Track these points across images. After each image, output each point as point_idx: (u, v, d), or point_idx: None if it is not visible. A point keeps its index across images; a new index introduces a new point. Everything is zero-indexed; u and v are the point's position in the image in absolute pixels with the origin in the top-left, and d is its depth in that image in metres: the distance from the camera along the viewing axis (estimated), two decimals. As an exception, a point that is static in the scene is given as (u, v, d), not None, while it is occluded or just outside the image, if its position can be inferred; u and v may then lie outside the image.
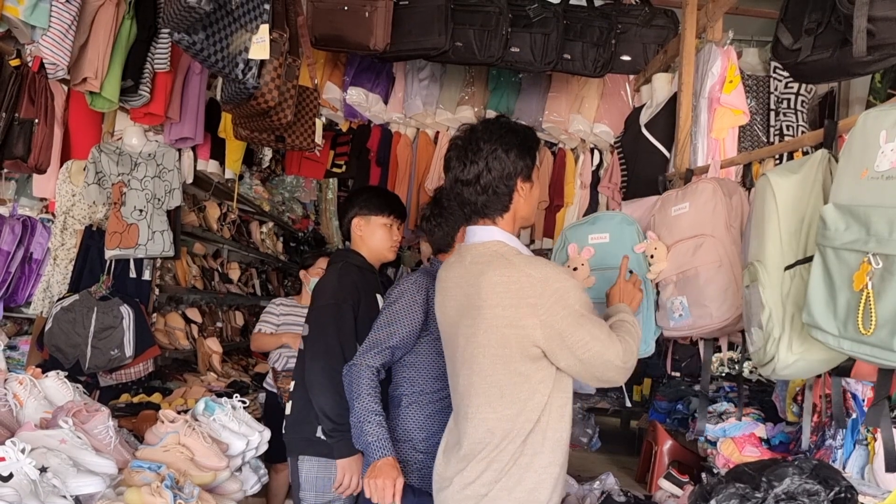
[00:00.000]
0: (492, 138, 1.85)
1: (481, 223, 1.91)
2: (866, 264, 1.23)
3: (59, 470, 1.65)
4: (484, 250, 1.86)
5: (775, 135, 3.58)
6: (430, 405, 2.32)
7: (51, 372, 2.25)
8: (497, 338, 1.75)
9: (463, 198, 1.89)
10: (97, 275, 3.90)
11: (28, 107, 2.63)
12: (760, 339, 1.59)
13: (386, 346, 2.25)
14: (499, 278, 1.76)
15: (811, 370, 1.60)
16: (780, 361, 1.55)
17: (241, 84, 2.27)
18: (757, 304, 1.60)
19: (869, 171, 1.27)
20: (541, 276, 1.74)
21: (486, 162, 1.83)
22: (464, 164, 1.86)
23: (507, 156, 1.85)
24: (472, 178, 1.85)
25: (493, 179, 1.84)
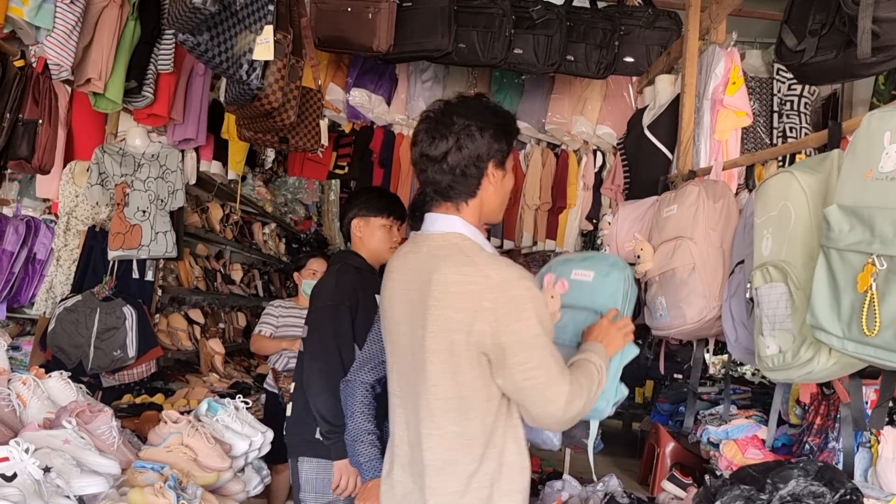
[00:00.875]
0: (467, 113, 1.66)
1: (443, 209, 1.70)
2: (870, 265, 1.22)
3: (62, 470, 1.65)
4: (443, 242, 1.66)
5: (778, 137, 3.58)
6: None
7: (54, 372, 2.26)
8: (446, 343, 1.56)
9: (427, 176, 1.68)
10: (100, 275, 3.91)
11: (32, 108, 2.63)
12: (789, 343, 1.55)
13: (380, 360, 2.08)
14: (455, 276, 1.57)
15: (842, 373, 1.55)
16: (819, 365, 1.50)
17: (245, 85, 2.27)
18: (784, 308, 1.55)
19: (873, 172, 1.27)
20: (500, 277, 1.55)
21: (458, 138, 1.63)
22: (432, 137, 1.65)
23: (482, 135, 1.64)
24: (440, 154, 1.64)
25: (463, 159, 1.63)
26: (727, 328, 1.97)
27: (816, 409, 3.33)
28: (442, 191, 1.68)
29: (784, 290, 1.56)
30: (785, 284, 1.56)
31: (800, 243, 1.56)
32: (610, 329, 1.80)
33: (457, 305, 1.55)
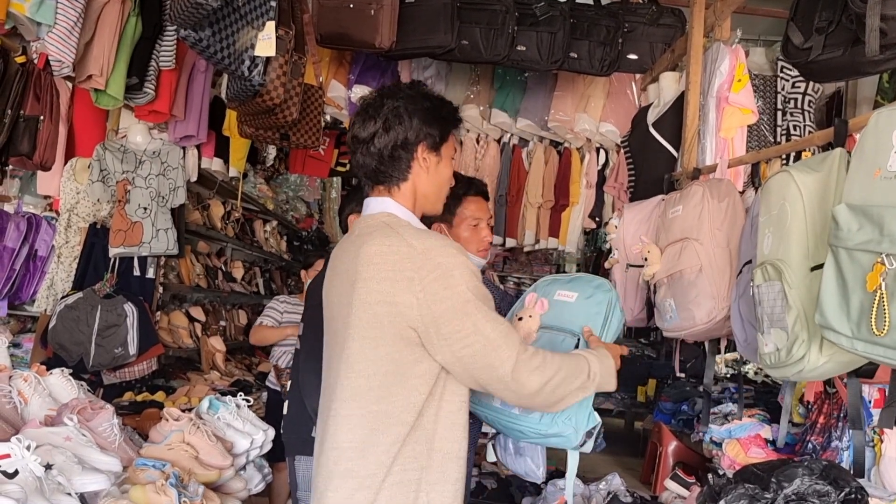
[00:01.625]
0: (396, 96, 1.63)
1: (376, 192, 1.67)
2: (880, 265, 1.21)
3: (64, 467, 1.64)
4: (372, 221, 1.63)
5: (782, 134, 3.57)
6: None
7: (55, 369, 2.25)
8: (368, 317, 1.50)
9: (356, 159, 1.66)
10: (101, 273, 3.90)
11: (33, 104, 2.63)
12: (783, 340, 1.55)
13: None
14: (377, 248, 1.52)
15: (837, 372, 1.56)
16: (809, 363, 1.50)
17: (246, 81, 2.26)
18: (780, 306, 1.56)
19: (882, 170, 1.26)
20: (423, 247, 1.50)
21: (385, 119, 1.60)
22: (363, 120, 1.63)
23: (410, 118, 1.61)
24: (367, 136, 1.61)
25: (390, 141, 1.61)
26: (736, 329, 1.96)
27: (820, 408, 3.32)
28: (370, 174, 1.65)
29: (780, 288, 1.56)
30: (780, 283, 1.56)
31: (794, 242, 1.56)
32: (613, 348, 1.74)
33: (378, 276, 1.50)
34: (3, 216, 2.85)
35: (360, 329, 1.51)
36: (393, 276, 1.49)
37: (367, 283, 1.51)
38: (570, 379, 1.58)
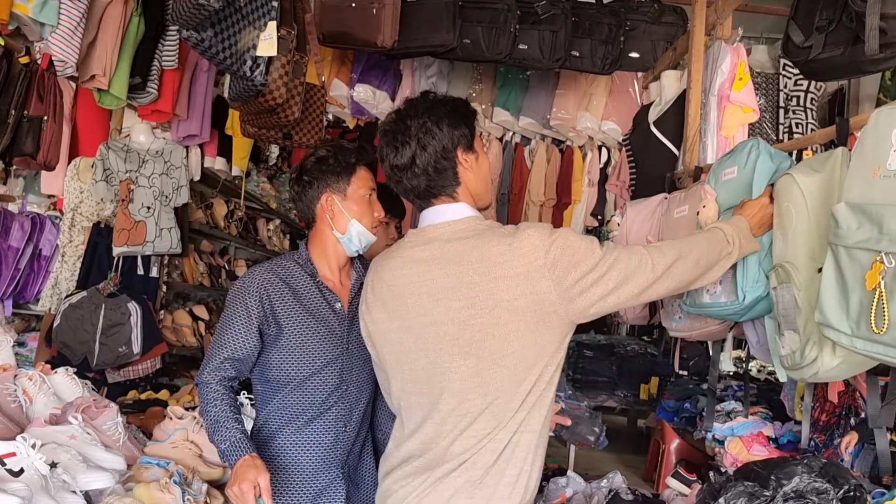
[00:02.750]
0: (417, 113, 1.68)
1: (442, 201, 1.70)
2: (879, 263, 1.22)
3: (68, 465, 1.65)
4: (461, 226, 1.67)
5: (784, 132, 3.57)
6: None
7: (60, 368, 2.26)
8: (509, 314, 1.56)
9: (404, 185, 1.70)
10: (105, 272, 3.92)
11: (37, 104, 2.64)
12: (797, 342, 1.56)
13: (222, 359, 1.88)
14: (499, 248, 1.58)
15: (852, 372, 1.56)
16: (823, 364, 1.51)
17: (248, 81, 2.27)
18: (793, 308, 1.56)
19: (881, 169, 1.27)
20: (540, 234, 1.58)
21: (418, 139, 1.66)
22: (395, 148, 1.68)
23: (439, 128, 1.67)
24: (407, 161, 1.66)
25: (431, 157, 1.66)
26: (748, 330, 1.97)
27: (822, 407, 3.33)
28: (424, 193, 1.70)
29: (794, 290, 1.57)
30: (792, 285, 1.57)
31: (800, 245, 1.58)
32: (762, 205, 1.79)
33: (511, 273, 1.56)
34: (7, 216, 2.86)
35: (499, 327, 1.57)
36: (526, 269, 1.55)
37: (498, 281, 1.56)
38: (708, 250, 1.69)
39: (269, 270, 1.98)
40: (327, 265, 2.03)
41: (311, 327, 1.94)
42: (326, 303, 1.98)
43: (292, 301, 1.95)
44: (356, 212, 2.00)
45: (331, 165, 1.99)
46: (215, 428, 1.79)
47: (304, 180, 2.01)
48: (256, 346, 1.92)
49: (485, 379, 1.59)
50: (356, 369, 1.99)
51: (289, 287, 1.96)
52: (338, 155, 2.01)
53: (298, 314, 1.94)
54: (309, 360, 1.93)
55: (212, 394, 1.84)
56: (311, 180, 2.00)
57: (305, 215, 2.05)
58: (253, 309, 1.91)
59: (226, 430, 1.78)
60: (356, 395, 2.00)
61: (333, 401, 1.95)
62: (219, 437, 1.78)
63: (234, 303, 1.93)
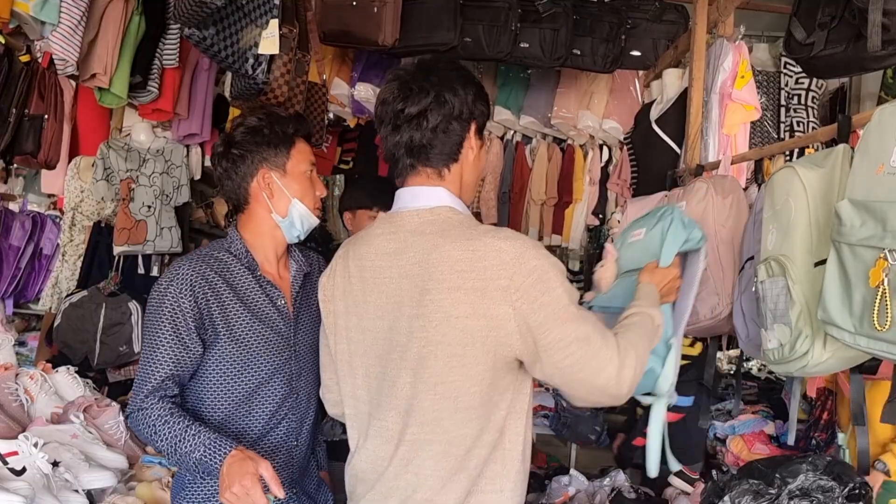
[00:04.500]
0: (444, 68, 1.47)
1: (422, 178, 1.46)
2: (882, 260, 1.21)
3: (70, 464, 1.65)
4: (431, 217, 1.42)
5: (786, 131, 3.57)
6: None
7: (61, 367, 2.26)
8: (456, 332, 1.33)
9: (398, 137, 1.44)
10: (105, 271, 3.91)
11: (38, 103, 2.64)
12: (787, 336, 1.55)
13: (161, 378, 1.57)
14: (460, 253, 1.34)
15: (840, 367, 1.56)
16: (813, 359, 1.49)
17: (250, 79, 2.27)
18: (784, 301, 1.55)
19: (885, 166, 1.26)
20: (514, 251, 1.32)
21: (437, 92, 1.42)
22: (408, 93, 1.42)
23: (465, 91, 1.45)
24: (417, 111, 1.42)
25: (445, 116, 1.42)
26: (738, 325, 1.97)
27: (823, 405, 3.32)
28: (417, 149, 1.44)
29: (784, 284, 1.56)
30: (784, 278, 1.56)
31: (798, 238, 1.56)
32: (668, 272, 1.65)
33: (466, 286, 1.32)
34: (8, 215, 2.86)
35: (444, 346, 1.34)
36: (484, 285, 1.32)
37: (452, 293, 1.33)
38: (646, 340, 1.48)
39: (201, 262, 1.65)
40: (264, 255, 1.73)
41: (256, 331, 1.66)
42: (269, 300, 1.70)
43: (232, 300, 1.64)
44: (297, 190, 1.71)
45: (266, 136, 1.70)
46: (176, 444, 1.48)
47: (234, 154, 1.69)
48: (200, 353, 1.61)
49: (422, 406, 1.37)
50: (305, 374, 1.74)
51: (226, 283, 1.65)
52: (273, 124, 1.71)
53: (240, 316, 1.65)
54: (255, 370, 1.65)
55: (156, 414, 1.51)
56: (244, 154, 1.69)
57: (235, 196, 1.73)
58: (188, 310, 1.59)
59: (192, 438, 1.48)
60: (306, 404, 1.76)
61: (283, 414, 1.70)
62: (185, 448, 1.47)
63: (162, 307, 1.59)
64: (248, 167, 1.69)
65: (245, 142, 1.70)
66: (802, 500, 1.51)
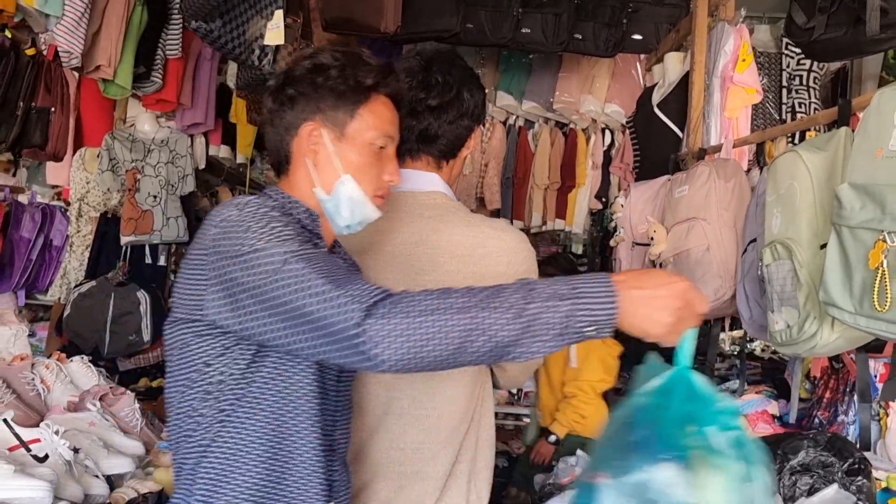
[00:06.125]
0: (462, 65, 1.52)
1: (420, 165, 1.49)
2: (881, 242, 1.24)
3: (90, 451, 1.70)
4: (428, 201, 1.45)
5: (787, 112, 3.58)
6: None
7: (75, 356, 2.30)
8: None
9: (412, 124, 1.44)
10: (113, 261, 3.95)
11: (44, 95, 2.66)
12: (795, 318, 1.58)
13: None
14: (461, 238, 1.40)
15: (847, 347, 1.60)
16: (822, 339, 1.53)
17: (256, 70, 2.29)
18: (790, 284, 1.59)
19: (884, 150, 1.29)
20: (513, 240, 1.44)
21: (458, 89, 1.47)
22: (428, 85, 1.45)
23: (479, 93, 1.52)
24: (437, 104, 1.46)
25: (461, 113, 1.47)
26: (741, 306, 2.00)
27: (826, 384, 3.36)
28: (429, 138, 1.47)
29: (790, 266, 1.59)
30: (790, 261, 1.59)
31: (804, 221, 1.59)
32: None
33: (465, 271, 1.36)
34: (18, 207, 2.90)
35: None
36: (483, 271, 1.36)
37: (450, 275, 1.35)
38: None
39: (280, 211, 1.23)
40: None
41: None
42: None
43: None
44: (353, 163, 1.25)
45: (331, 79, 1.26)
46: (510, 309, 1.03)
47: (287, 94, 1.28)
48: None
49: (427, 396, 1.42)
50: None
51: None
52: (347, 67, 1.27)
53: None
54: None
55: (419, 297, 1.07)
56: (297, 95, 1.27)
57: (275, 151, 1.32)
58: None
59: (538, 285, 1.06)
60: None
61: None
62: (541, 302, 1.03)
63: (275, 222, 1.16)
64: (295, 115, 1.26)
65: (303, 80, 1.27)
66: (803, 475, 1.55)
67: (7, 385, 1.92)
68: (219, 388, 1.19)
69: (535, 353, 1.04)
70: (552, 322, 1.01)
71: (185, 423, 1.23)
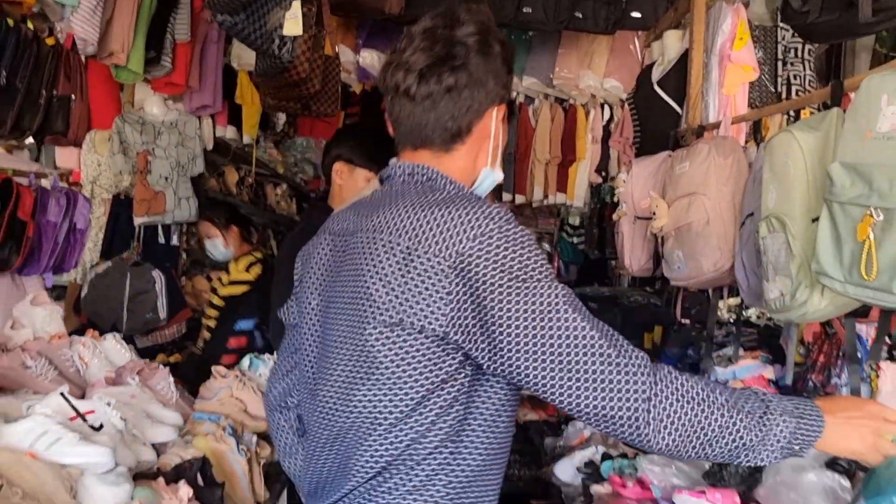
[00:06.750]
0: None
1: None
2: (869, 217, 1.37)
3: (135, 421, 1.82)
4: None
5: (783, 85, 3.66)
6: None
7: (108, 334, 2.42)
8: None
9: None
10: (127, 242, 4.05)
11: (65, 83, 2.74)
12: (788, 287, 1.71)
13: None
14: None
15: (836, 313, 1.73)
16: (812, 306, 1.65)
17: (276, 59, 2.37)
18: (784, 255, 1.71)
19: (872, 132, 1.40)
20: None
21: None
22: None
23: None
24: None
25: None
26: (740, 277, 2.12)
27: (820, 348, 3.49)
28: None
29: (784, 239, 1.72)
30: (784, 234, 1.71)
31: (797, 197, 1.71)
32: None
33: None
34: (44, 192, 2.99)
35: None
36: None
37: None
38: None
39: None
40: None
41: None
42: None
43: None
44: (500, 142, 1.32)
45: (497, 54, 1.26)
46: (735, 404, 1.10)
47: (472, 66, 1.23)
48: None
49: None
50: None
51: None
52: (505, 44, 1.28)
53: None
54: None
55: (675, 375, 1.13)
56: (482, 79, 1.24)
57: (442, 127, 1.24)
58: None
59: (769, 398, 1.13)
60: None
61: None
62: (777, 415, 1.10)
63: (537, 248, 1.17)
64: (485, 95, 1.25)
65: (495, 59, 1.26)
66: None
67: (49, 362, 2.03)
68: (451, 403, 1.15)
69: (760, 462, 1.09)
70: (781, 435, 1.08)
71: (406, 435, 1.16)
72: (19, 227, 2.85)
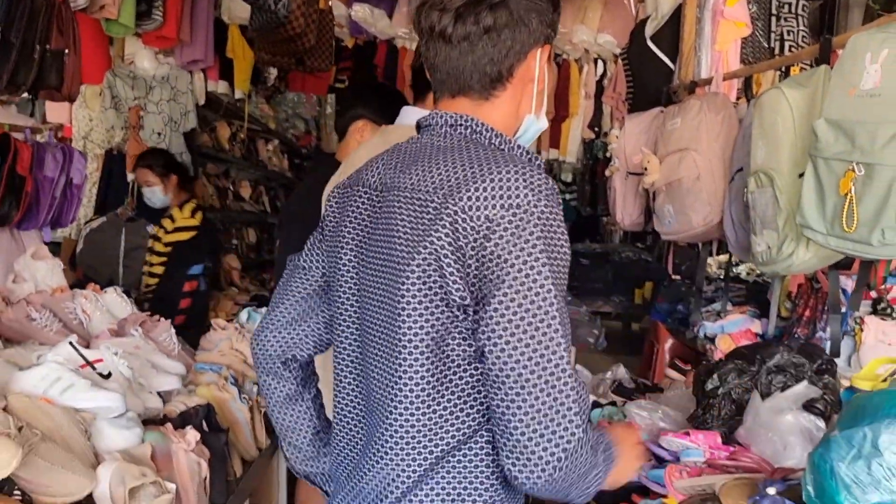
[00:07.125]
0: None
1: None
2: (851, 172, 1.42)
3: (141, 371, 1.88)
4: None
5: (776, 40, 3.67)
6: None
7: (109, 287, 2.46)
8: None
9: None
10: (122, 197, 4.07)
11: (58, 37, 2.72)
12: (774, 240, 1.77)
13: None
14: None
15: (820, 265, 1.81)
16: (797, 258, 1.72)
17: (272, 14, 2.37)
18: (771, 209, 1.77)
19: (856, 89, 1.44)
20: None
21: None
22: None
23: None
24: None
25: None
26: (728, 231, 2.18)
27: (806, 303, 3.58)
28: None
29: (771, 193, 1.77)
30: (772, 189, 1.77)
31: (786, 152, 1.76)
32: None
33: None
34: (41, 148, 3.00)
35: None
36: None
37: None
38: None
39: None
40: None
41: None
42: None
43: None
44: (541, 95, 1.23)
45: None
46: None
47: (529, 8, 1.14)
48: None
49: None
50: None
51: None
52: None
53: None
54: None
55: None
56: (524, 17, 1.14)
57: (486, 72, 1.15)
58: None
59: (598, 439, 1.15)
60: None
61: None
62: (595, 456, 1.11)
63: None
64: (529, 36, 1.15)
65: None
66: (778, 375, 1.77)
67: (54, 314, 2.08)
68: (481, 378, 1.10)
69: (574, 499, 1.10)
70: (597, 480, 1.10)
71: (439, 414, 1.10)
72: (18, 181, 2.86)
